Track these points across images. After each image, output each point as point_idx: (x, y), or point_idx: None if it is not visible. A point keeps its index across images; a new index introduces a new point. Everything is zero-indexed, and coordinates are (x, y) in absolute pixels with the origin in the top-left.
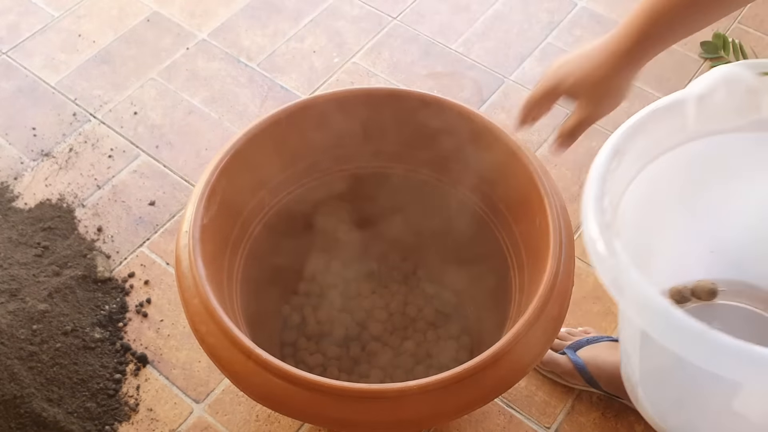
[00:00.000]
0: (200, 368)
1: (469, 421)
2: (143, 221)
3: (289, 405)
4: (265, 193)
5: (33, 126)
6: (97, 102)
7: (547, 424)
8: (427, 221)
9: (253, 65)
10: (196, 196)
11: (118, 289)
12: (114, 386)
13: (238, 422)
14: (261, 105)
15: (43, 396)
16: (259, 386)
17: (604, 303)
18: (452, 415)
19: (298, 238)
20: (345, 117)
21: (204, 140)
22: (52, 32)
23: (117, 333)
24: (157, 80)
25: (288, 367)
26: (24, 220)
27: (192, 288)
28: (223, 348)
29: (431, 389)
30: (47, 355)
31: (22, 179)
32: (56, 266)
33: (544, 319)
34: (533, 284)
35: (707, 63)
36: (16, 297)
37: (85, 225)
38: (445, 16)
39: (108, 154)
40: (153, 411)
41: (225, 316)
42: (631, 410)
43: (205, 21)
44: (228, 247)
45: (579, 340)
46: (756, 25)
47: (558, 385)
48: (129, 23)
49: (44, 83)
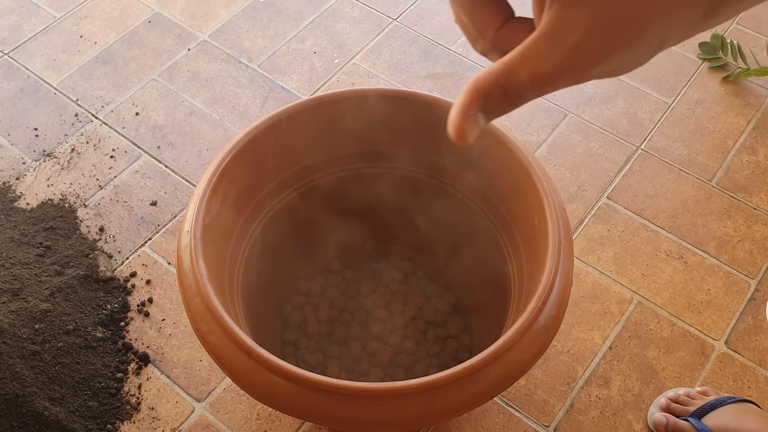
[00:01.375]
0: (201, 367)
1: (468, 420)
2: (145, 221)
3: (290, 404)
4: (267, 193)
5: (35, 126)
6: (99, 103)
7: (546, 423)
8: (427, 221)
9: (254, 66)
10: (198, 196)
11: (119, 289)
12: (116, 385)
13: (239, 421)
14: (262, 106)
15: (45, 395)
16: (260, 385)
17: (602, 302)
18: (452, 414)
19: (299, 238)
20: (345, 118)
21: (205, 141)
22: (54, 33)
23: (119, 332)
24: (158, 81)
25: (289, 366)
26: (26, 220)
27: (193, 287)
28: (225, 347)
29: (431, 388)
30: (49, 354)
31: (24, 179)
32: (58, 266)
33: (543, 318)
34: (532, 283)
35: (705, 64)
36: (18, 296)
37: (87, 225)
38: (444, 18)
39: (110, 155)
40: (154, 410)
41: (226, 316)
42: (629, 409)
43: (206, 22)
44: (229, 246)
45: (702, 405)
46: (754, 26)
47: (557, 384)
48: (130, 24)
49: (46, 84)
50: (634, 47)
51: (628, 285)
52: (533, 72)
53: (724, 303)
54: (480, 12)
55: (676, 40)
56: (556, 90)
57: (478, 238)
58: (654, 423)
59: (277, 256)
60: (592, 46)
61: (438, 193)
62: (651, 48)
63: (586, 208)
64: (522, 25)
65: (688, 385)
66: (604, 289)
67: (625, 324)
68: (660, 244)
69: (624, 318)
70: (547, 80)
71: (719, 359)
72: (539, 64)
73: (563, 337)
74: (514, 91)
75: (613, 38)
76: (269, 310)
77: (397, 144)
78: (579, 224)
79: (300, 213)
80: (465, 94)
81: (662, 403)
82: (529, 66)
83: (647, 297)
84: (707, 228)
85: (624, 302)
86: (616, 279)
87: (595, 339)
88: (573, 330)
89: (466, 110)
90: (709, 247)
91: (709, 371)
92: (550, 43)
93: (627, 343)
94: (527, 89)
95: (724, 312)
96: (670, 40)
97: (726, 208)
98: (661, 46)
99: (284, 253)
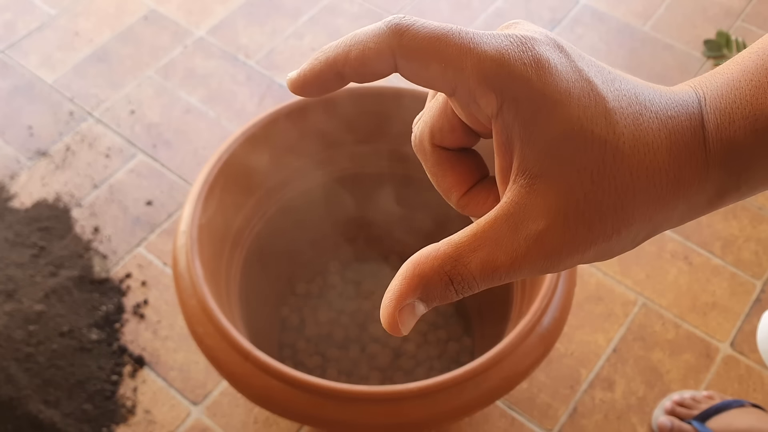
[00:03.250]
0: (198, 370)
1: (470, 424)
2: (140, 221)
3: (288, 407)
4: (264, 193)
5: (29, 125)
6: (94, 101)
7: (549, 427)
8: (427, 222)
9: (251, 63)
10: (194, 195)
11: (114, 290)
12: (111, 388)
13: (236, 425)
14: (259, 103)
15: (39, 398)
16: (258, 388)
17: (606, 304)
18: (453, 418)
19: (296, 239)
20: (344, 116)
21: (202, 139)
22: (49, 30)
23: (114, 334)
24: (154, 78)
25: (287, 368)
26: (20, 220)
27: (189, 289)
28: (221, 349)
29: (432, 391)
30: (44, 356)
31: (18, 178)
32: (53, 267)
33: (546, 320)
34: (535, 286)
35: (710, 62)
36: (12, 298)
37: (81, 225)
38: (446, 14)
39: (105, 154)
40: (150, 413)
41: (223, 318)
42: (634, 412)
43: (202, 19)
44: (226, 247)
45: (707, 409)
46: (759, 23)
47: (560, 387)
48: (126, 21)
49: (41, 81)
50: (615, 240)
51: (632, 286)
52: (485, 261)
53: (729, 304)
54: (444, 174)
55: (674, 225)
56: (514, 280)
57: None
58: (659, 426)
59: (275, 257)
60: (559, 239)
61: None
62: (640, 237)
63: None
64: (490, 193)
65: (693, 387)
66: (608, 290)
67: (630, 326)
68: (665, 245)
69: (628, 320)
70: (501, 272)
71: (724, 361)
72: (493, 251)
73: (566, 339)
74: (460, 281)
75: (586, 231)
76: (267, 312)
77: (398, 143)
78: None
79: (298, 213)
80: (402, 280)
81: (667, 406)
82: (481, 252)
83: (652, 298)
84: (712, 228)
85: (628, 304)
86: (620, 280)
87: (599, 341)
88: (576, 332)
89: (401, 299)
90: (715, 248)
91: (714, 374)
92: (509, 228)
93: (631, 346)
94: (476, 280)
95: (730, 314)
96: (666, 226)
97: (731, 209)
98: (653, 233)
99: (282, 253)
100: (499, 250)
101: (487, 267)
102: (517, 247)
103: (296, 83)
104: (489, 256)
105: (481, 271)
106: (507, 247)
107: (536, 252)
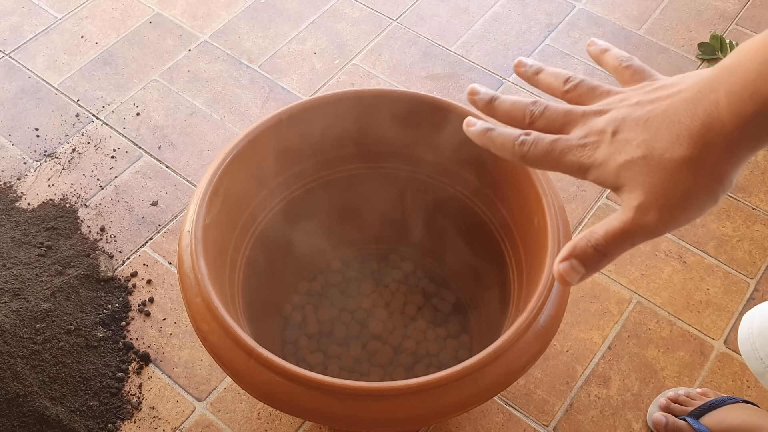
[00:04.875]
0: (202, 367)
1: (468, 419)
2: (146, 221)
3: (291, 403)
4: (267, 193)
5: (36, 127)
6: (100, 103)
7: (545, 422)
8: (426, 221)
9: (254, 67)
10: (199, 196)
11: (120, 289)
12: (117, 385)
13: (239, 420)
14: (262, 106)
15: (46, 394)
16: (261, 384)
17: (601, 302)
18: (451, 413)
19: (299, 238)
20: (346, 118)
21: (206, 141)
22: (55, 34)
23: (120, 332)
24: (159, 81)
25: (289, 365)
26: (27, 220)
27: (194, 287)
28: (225, 346)
29: (431, 387)
30: (50, 353)
31: (25, 179)
32: (59, 266)
33: (542, 318)
34: (532, 283)
35: (705, 64)
36: (19, 296)
37: (87, 225)
38: (444, 18)
39: (111, 155)
40: (155, 409)
41: (227, 315)
42: (629, 408)
43: (206, 23)
44: (230, 246)
45: (701, 405)
46: (753, 26)
47: (556, 383)
48: (131, 25)
49: (47, 84)
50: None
51: (627, 285)
52: (607, 230)
53: (723, 303)
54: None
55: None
56: (636, 245)
57: (478, 237)
58: (653, 422)
59: (278, 256)
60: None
61: (437, 193)
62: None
63: (586, 208)
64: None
65: (687, 384)
66: (604, 288)
67: (625, 324)
68: (659, 244)
69: (623, 318)
70: (619, 236)
71: (718, 359)
72: (611, 222)
73: (563, 336)
74: (596, 245)
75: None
76: (270, 310)
77: (397, 144)
78: (578, 224)
79: (300, 213)
80: (563, 249)
81: (662, 402)
82: (604, 226)
83: (646, 297)
84: (706, 228)
85: (623, 302)
86: (615, 279)
87: (594, 338)
88: (572, 329)
89: (564, 258)
90: (708, 247)
91: (708, 371)
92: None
93: (626, 343)
94: (606, 244)
95: (723, 312)
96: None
97: (725, 208)
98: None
99: (285, 252)
100: (613, 221)
101: (608, 233)
102: (624, 219)
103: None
104: (608, 227)
105: (603, 237)
106: (618, 218)
107: (643, 224)
